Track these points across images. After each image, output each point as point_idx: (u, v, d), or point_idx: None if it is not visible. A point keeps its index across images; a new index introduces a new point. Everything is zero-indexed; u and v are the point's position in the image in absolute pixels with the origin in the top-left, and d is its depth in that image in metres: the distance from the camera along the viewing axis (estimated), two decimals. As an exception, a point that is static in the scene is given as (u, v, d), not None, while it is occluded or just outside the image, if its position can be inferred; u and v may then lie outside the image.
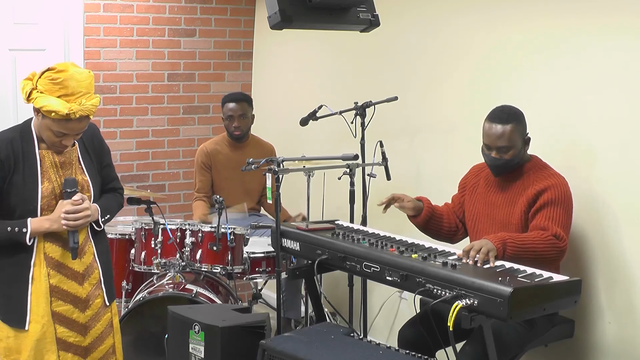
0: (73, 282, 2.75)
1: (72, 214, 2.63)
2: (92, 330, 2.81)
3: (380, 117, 3.99)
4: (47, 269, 2.68)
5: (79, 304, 2.76)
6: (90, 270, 2.80)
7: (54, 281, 2.70)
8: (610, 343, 3.12)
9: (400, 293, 4.25)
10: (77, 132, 2.64)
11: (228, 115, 4.53)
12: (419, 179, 4.14)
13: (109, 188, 2.95)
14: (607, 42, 3.09)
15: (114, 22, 5.02)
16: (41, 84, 2.55)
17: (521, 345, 2.94)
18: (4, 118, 4.78)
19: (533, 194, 2.98)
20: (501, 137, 2.99)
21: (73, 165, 2.75)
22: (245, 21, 5.55)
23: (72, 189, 2.66)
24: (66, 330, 2.74)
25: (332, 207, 4.05)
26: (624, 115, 3.04)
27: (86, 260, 2.79)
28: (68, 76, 2.53)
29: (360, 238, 3.07)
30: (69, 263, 2.73)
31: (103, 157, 2.91)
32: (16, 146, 2.64)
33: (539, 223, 2.93)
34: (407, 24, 4.18)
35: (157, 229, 3.87)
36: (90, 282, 2.80)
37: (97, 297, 2.82)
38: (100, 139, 2.91)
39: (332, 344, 2.75)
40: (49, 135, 2.62)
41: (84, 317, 2.77)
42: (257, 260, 4.00)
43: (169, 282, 3.81)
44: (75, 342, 2.76)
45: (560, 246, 2.88)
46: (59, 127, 2.58)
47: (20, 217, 2.64)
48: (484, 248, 2.74)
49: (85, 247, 2.79)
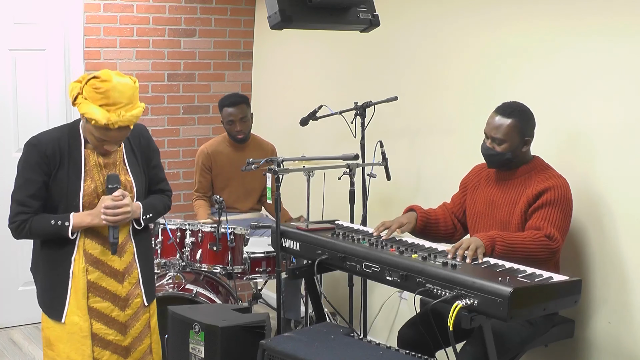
0: (112, 279, 2.79)
1: (112, 209, 2.68)
2: (131, 329, 2.84)
3: (380, 117, 3.99)
4: (85, 265, 2.74)
5: (118, 302, 2.80)
6: (130, 269, 2.83)
7: (92, 277, 2.75)
8: (611, 343, 3.12)
9: (400, 293, 4.25)
10: (117, 140, 2.70)
11: (229, 120, 4.51)
12: (419, 178, 4.14)
13: (157, 189, 2.99)
14: (608, 43, 3.09)
15: (114, 22, 5.02)
16: (86, 91, 2.60)
17: (521, 345, 2.94)
18: (4, 118, 4.79)
19: (534, 194, 2.99)
20: (498, 128, 3.03)
21: (117, 166, 2.80)
22: (245, 21, 5.55)
23: (113, 185, 2.71)
24: (104, 327, 2.78)
25: (332, 207, 4.05)
26: (623, 115, 3.04)
27: (126, 259, 2.82)
28: (111, 87, 2.57)
29: (360, 238, 3.07)
30: (108, 260, 2.77)
31: (150, 157, 2.93)
32: (63, 144, 2.71)
33: (534, 223, 2.94)
34: (407, 24, 4.18)
35: (157, 229, 3.87)
36: (130, 282, 2.83)
37: (136, 296, 2.85)
38: (148, 138, 2.94)
39: (332, 344, 2.75)
40: (92, 139, 2.70)
41: (124, 315, 2.81)
42: (257, 260, 4.00)
43: (169, 282, 3.81)
44: (115, 340, 2.80)
45: (552, 247, 2.89)
46: (99, 134, 2.64)
47: (64, 212, 2.71)
48: (472, 245, 2.77)
49: (126, 246, 2.82)
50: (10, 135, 4.79)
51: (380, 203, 4.28)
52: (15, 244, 4.66)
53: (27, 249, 2.91)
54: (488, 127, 3.09)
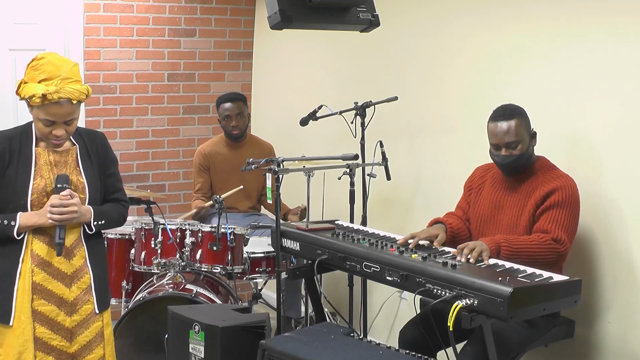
0: (59, 282, 2.71)
1: (58, 207, 2.62)
2: (79, 337, 2.75)
3: (380, 117, 3.99)
4: (31, 266, 2.67)
5: (64, 307, 2.71)
6: (80, 273, 2.75)
7: (37, 279, 2.67)
8: (611, 343, 3.12)
9: (400, 293, 4.25)
10: (62, 118, 2.63)
11: (225, 115, 4.53)
12: (419, 179, 4.14)
13: (113, 198, 2.91)
14: (610, 43, 3.09)
15: (114, 22, 5.02)
16: (26, 75, 2.64)
17: (521, 345, 2.94)
18: (4, 118, 4.78)
19: (541, 196, 2.97)
20: (508, 132, 2.98)
21: (69, 165, 2.75)
22: (245, 21, 5.55)
23: (62, 184, 2.66)
24: (47, 331, 2.69)
25: (332, 207, 4.05)
26: (624, 115, 3.04)
27: (75, 263, 2.74)
28: (45, 61, 2.62)
29: (360, 238, 3.07)
30: (55, 262, 2.70)
31: (107, 165, 2.88)
32: (14, 143, 2.68)
33: (542, 225, 2.92)
34: (407, 24, 4.18)
35: (157, 229, 3.87)
36: (79, 286, 2.75)
37: (86, 302, 2.76)
38: (106, 146, 2.90)
39: (332, 344, 2.75)
40: (40, 128, 2.66)
41: (70, 321, 2.72)
42: (257, 260, 4.00)
43: (169, 282, 3.81)
44: (59, 346, 2.71)
45: (560, 250, 2.88)
46: (44, 113, 2.60)
47: (12, 212, 2.66)
48: (477, 247, 2.77)
49: (76, 250, 2.75)
50: (10, 135, 4.79)
51: (380, 203, 4.28)
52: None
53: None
54: (496, 138, 3.01)
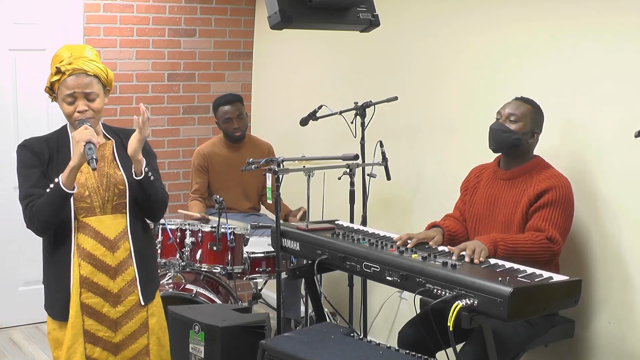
0: (104, 274, 2.76)
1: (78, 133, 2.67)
2: (123, 327, 2.80)
3: (380, 117, 3.99)
4: (79, 260, 2.73)
5: (109, 298, 2.77)
6: (124, 266, 2.80)
7: (84, 272, 2.73)
8: (611, 343, 3.12)
9: (400, 293, 4.25)
10: (80, 88, 2.70)
11: (225, 118, 4.52)
12: (419, 178, 4.14)
13: None
14: (611, 43, 3.09)
15: (114, 22, 5.02)
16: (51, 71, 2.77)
17: (521, 346, 2.94)
18: (4, 118, 4.79)
19: (535, 194, 2.98)
20: (515, 108, 3.09)
21: (106, 159, 2.80)
22: (245, 21, 5.55)
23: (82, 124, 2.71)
24: (95, 323, 2.75)
25: (332, 207, 4.05)
26: (624, 115, 3.04)
27: (119, 256, 2.78)
28: (62, 48, 2.78)
29: (360, 238, 3.07)
30: (100, 255, 2.75)
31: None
32: (51, 143, 2.78)
33: (535, 224, 2.94)
34: (407, 24, 4.18)
35: (157, 228, 3.87)
36: (124, 278, 2.79)
37: (130, 294, 2.81)
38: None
39: (332, 344, 2.75)
40: (66, 109, 2.74)
41: (115, 312, 2.78)
42: (257, 260, 4.00)
43: (169, 282, 3.81)
44: (104, 337, 2.77)
45: (553, 249, 2.89)
46: (64, 88, 2.71)
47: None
48: (477, 248, 2.77)
49: (120, 242, 2.79)
50: (10, 135, 4.79)
51: (380, 203, 4.28)
52: (14, 244, 4.70)
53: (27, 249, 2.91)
54: (504, 109, 3.11)
